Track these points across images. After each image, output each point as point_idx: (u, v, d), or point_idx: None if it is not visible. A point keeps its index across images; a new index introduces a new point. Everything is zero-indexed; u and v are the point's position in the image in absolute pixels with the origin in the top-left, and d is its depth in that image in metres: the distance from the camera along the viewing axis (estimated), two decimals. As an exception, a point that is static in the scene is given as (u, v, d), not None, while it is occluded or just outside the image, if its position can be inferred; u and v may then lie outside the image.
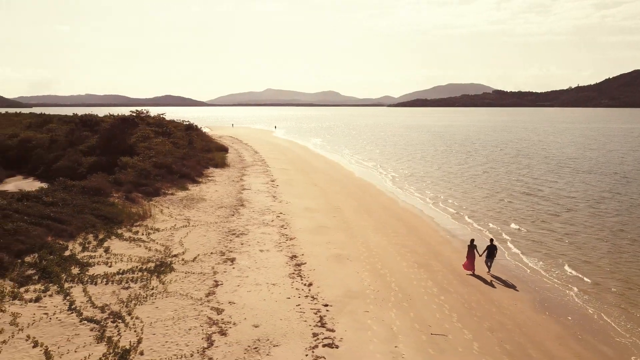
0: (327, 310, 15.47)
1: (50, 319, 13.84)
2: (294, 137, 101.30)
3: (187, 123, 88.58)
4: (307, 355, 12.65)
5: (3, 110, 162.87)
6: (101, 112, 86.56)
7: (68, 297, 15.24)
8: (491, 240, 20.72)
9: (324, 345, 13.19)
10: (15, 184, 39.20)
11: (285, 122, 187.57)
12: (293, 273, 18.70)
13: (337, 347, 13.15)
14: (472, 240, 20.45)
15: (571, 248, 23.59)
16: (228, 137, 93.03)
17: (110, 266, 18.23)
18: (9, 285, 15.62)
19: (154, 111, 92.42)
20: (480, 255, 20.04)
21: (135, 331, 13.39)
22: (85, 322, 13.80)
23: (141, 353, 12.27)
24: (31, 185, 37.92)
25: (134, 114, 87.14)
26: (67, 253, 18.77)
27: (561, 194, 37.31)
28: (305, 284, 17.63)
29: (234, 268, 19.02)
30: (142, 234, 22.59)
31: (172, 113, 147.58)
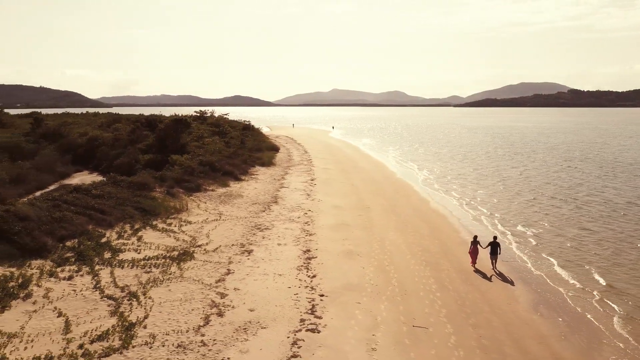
0: (321, 300, 16.66)
1: (77, 294, 16.03)
2: (348, 138, 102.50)
3: (246, 123, 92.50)
4: (288, 337, 13.94)
5: (84, 110, 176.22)
6: (173, 111, 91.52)
7: (96, 278, 17.44)
8: (494, 237, 21.37)
9: (307, 330, 14.41)
10: (81, 178, 43.11)
11: (345, 123, 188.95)
12: (301, 265, 20.03)
13: (318, 332, 14.34)
14: (476, 237, 21.55)
15: (595, 257, 23.00)
16: (284, 136, 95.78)
17: (138, 253, 20.39)
18: (48, 264, 18.08)
19: (221, 111, 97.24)
20: (484, 248, 20.98)
21: (144, 309, 15.25)
22: (105, 298, 15.87)
23: (144, 327, 14.07)
24: (94, 179, 41.65)
25: (198, 114, 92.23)
26: (103, 240, 21.19)
27: (603, 201, 35.96)
28: (309, 276, 18.90)
29: (248, 259, 20.62)
30: (175, 226, 24.76)
31: (238, 113, 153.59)
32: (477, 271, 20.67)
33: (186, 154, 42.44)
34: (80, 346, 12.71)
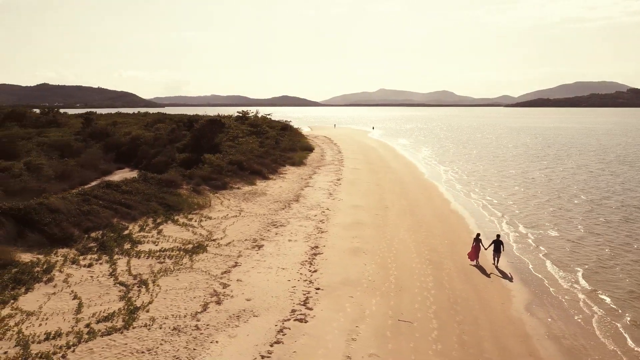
0: (316, 293, 17.54)
1: (93, 280, 17.62)
2: (386, 138, 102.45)
3: (286, 122, 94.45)
4: (276, 325, 14.92)
5: (136, 110, 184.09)
6: (220, 111, 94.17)
7: (113, 266, 19.03)
8: (497, 235, 22.03)
9: (295, 320, 15.34)
10: (121, 175, 45.67)
11: (388, 123, 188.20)
12: (305, 261, 20.96)
13: (306, 322, 15.24)
14: (478, 235, 22.16)
15: (604, 265, 22.63)
16: (322, 136, 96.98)
17: (156, 245, 21.92)
18: (73, 253, 19.83)
19: (265, 111, 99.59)
20: (485, 249, 21.64)
21: (151, 295, 16.62)
22: (118, 285, 17.37)
23: (147, 311, 15.41)
24: (133, 176, 44.13)
25: (240, 114, 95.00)
26: (125, 232, 22.88)
27: (621, 206, 34.89)
28: (310, 271, 19.81)
29: (257, 253, 21.75)
30: (195, 221, 26.25)
31: (283, 113, 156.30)
32: (479, 268, 21.12)
33: (218, 153, 44.26)
34: (87, 325, 14.16)
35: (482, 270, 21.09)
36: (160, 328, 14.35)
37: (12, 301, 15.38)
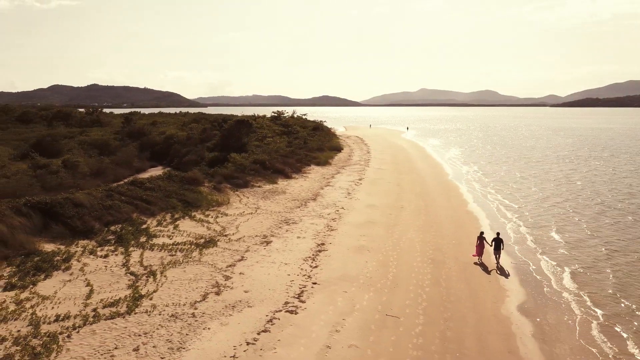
0: (312, 287, 18.34)
1: (107, 270, 19.03)
2: (418, 138, 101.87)
3: (320, 122, 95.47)
4: (267, 315, 15.81)
5: (178, 110, 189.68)
6: (263, 111, 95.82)
7: (127, 257, 20.41)
8: (497, 233, 22.37)
9: (286, 311, 16.19)
10: (153, 173, 47.83)
11: (424, 124, 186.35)
12: (309, 257, 21.78)
13: (296, 313, 16.06)
14: (482, 233, 22.72)
15: (611, 272, 22.48)
16: (355, 136, 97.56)
17: (170, 238, 23.25)
18: (92, 244, 21.38)
19: (304, 111, 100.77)
20: (490, 245, 22.05)
21: (157, 284, 17.85)
22: (128, 274, 18.70)
23: (150, 299, 16.62)
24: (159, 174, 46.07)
25: (275, 114, 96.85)
26: (143, 226, 24.32)
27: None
28: (311, 266, 20.62)
29: (265, 249, 22.74)
30: (211, 217, 27.50)
31: (321, 113, 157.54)
32: (482, 266, 21.48)
33: (244, 153, 45.67)
34: (94, 309, 15.47)
35: (484, 268, 21.37)
36: (160, 314, 15.50)
37: (31, 286, 16.92)
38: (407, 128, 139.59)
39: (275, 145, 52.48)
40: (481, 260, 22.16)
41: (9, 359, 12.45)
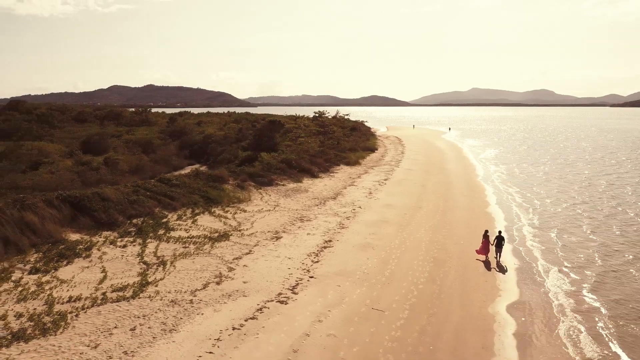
0: (308, 280, 19.31)
1: (122, 258, 20.72)
2: (458, 139, 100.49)
3: (361, 122, 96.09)
4: (258, 304, 16.93)
5: (227, 110, 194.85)
6: (310, 111, 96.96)
7: (143, 248, 22.07)
8: (499, 232, 22.87)
9: (277, 301, 17.25)
10: (189, 170, 50.20)
11: (470, 124, 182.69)
12: (313, 253, 22.76)
13: (286, 304, 17.09)
14: (486, 231, 23.10)
15: (615, 278, 22.19)
16: (394, 137, 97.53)
17: (187, 232, 24.82)
18: (113, 235, 23.22)
19: (354, 111, 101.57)
20: (492, 244, 22.55)
21: (165, 273, 19.33)
22: (141, 263, 20.30)
23: (156, 285, 18.10)
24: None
25: (317, 114, 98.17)
26: (164, 220, 26.02)
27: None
28: (313, 261, 21.58)
29: (273, 244, 23.90)
30: (230, 213, 28.96)
31: (367, 113, 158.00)
32: (485, 264, 22.02)
33: (274, 152, 47.14)
34: (103, 293, 17.09)
35: (486, 266, 21.71)
36: (161, 300, 16.93)
37: (53, 271, 18.78)
38: (449, 129, 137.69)
39: (307, 145, 53.66)
40: (487, 258, 22.52)
41: (22, 332, 14.14)
